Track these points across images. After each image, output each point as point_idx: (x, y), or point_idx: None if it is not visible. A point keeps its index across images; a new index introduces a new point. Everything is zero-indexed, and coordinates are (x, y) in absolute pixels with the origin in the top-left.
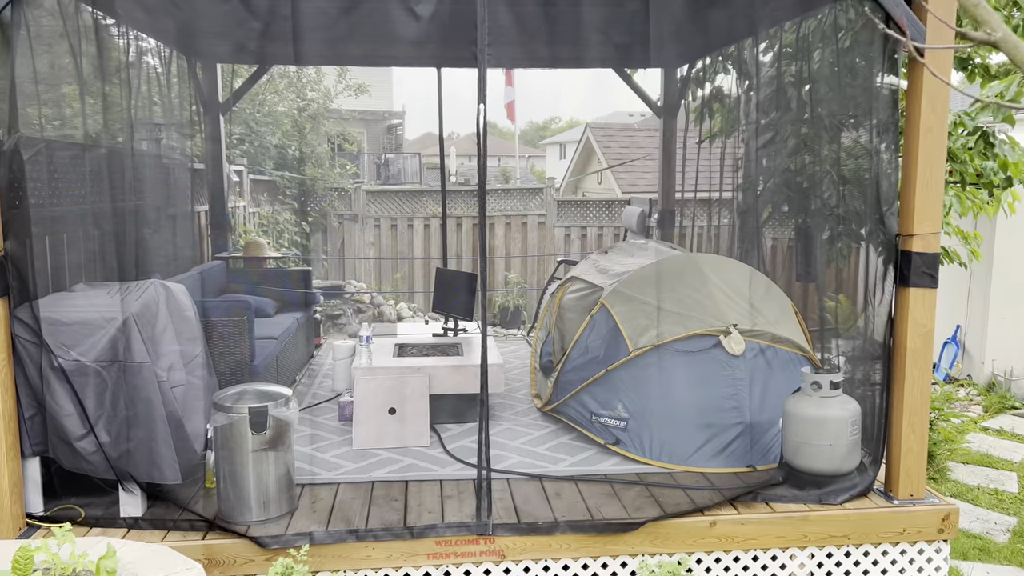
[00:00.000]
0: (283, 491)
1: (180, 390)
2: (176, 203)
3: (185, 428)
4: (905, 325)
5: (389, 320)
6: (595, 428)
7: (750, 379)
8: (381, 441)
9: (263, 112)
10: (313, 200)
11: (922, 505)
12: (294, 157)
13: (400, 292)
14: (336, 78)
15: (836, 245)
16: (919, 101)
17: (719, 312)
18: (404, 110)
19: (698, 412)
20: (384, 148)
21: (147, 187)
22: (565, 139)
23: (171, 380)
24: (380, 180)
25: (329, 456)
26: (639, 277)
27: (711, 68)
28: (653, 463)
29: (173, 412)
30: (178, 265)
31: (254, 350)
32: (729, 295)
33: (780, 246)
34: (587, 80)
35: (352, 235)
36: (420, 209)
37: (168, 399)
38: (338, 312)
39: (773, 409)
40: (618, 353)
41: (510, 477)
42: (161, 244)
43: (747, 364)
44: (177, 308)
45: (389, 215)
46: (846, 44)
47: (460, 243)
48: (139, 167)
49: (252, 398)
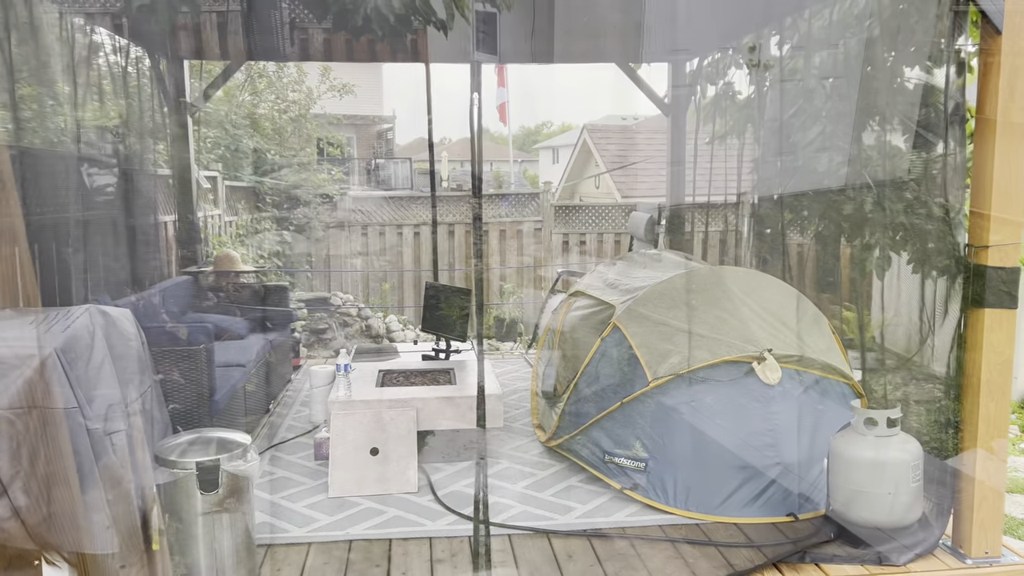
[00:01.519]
0: (241, 560)
1: (120, 436)
2: (135, 213)
3: (124, 483)
4: (979, 352)
5: (377, 335)
6: (609, 470)
7: (787, 412)
8: (361, 487)
9: (240, 114)
10: (296, 208)
11: (1000, 564)
12: (274, 162)
13: (387, 306)
14: (319, 78)
15: (873, 255)
16: (995, 86)
17: (750, 335)
18: (395, 114)
19: (729, 452)
20: (375, 153)
21: (95, 196)
22: (558, 143)
23: (108, 427)
24: (370, 185)
25: (300, 507)
26: (656, 294)
27: (722, 62)
28: (678, 512)
29: (109, 465)
30: (135, 283)
31: (214, 383)
32: (761, 315)
33: (807, 253)
34: (585, 79)
35: (338, 244)
36: (410, 216)
37: (102, 450)
38: (323, 327)
39: (815, 447)
40: (635, 383)
41: (512, 533)
42: (113, 260)
43: (783, 394)
44: (119, 338)
45: (378, 222)
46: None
47: (452, 251)
48: (90, 173)
49: (201, 449)
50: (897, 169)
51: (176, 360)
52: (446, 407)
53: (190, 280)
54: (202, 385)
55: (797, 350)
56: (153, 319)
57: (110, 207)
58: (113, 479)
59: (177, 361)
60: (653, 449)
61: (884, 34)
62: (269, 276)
